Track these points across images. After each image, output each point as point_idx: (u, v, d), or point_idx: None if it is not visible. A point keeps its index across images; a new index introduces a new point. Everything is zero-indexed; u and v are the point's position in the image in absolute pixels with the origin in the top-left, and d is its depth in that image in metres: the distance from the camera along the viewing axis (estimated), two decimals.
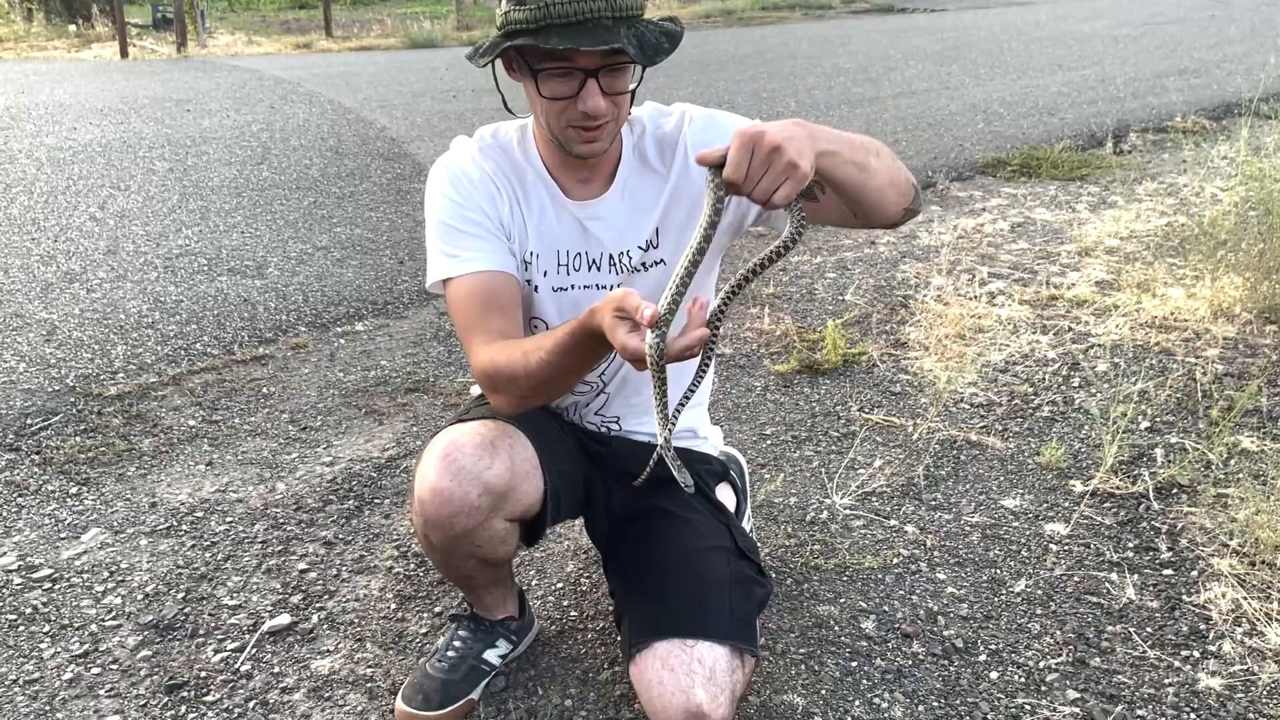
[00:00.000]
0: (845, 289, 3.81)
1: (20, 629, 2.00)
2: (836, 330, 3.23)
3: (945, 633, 1.93)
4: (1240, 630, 1.91)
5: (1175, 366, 3.02)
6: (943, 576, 2.11)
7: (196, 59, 12.44)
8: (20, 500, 2.47)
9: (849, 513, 2.35)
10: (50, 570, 2.19)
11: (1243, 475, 2.39)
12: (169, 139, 6.87)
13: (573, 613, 2.03)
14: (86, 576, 2.17)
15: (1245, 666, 1.82)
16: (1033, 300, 3.59)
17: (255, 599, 2.09)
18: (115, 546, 2.28)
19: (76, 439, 2.77)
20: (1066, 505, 2.36)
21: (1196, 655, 1.86)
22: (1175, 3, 14.77)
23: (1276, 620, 1.91)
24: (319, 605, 2.06)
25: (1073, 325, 3.36)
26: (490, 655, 1.80)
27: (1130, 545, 2.20)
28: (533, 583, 2.13)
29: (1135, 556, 2.16)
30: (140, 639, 1.97)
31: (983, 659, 1.86)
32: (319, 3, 16.63)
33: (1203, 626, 1.93)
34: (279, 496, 2.48)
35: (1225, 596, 1.99)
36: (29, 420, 2.88)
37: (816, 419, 2.83)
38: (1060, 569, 2.12)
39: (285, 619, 2.01)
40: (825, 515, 2.35)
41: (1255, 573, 2.06)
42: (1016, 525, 2.29)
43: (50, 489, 2.52)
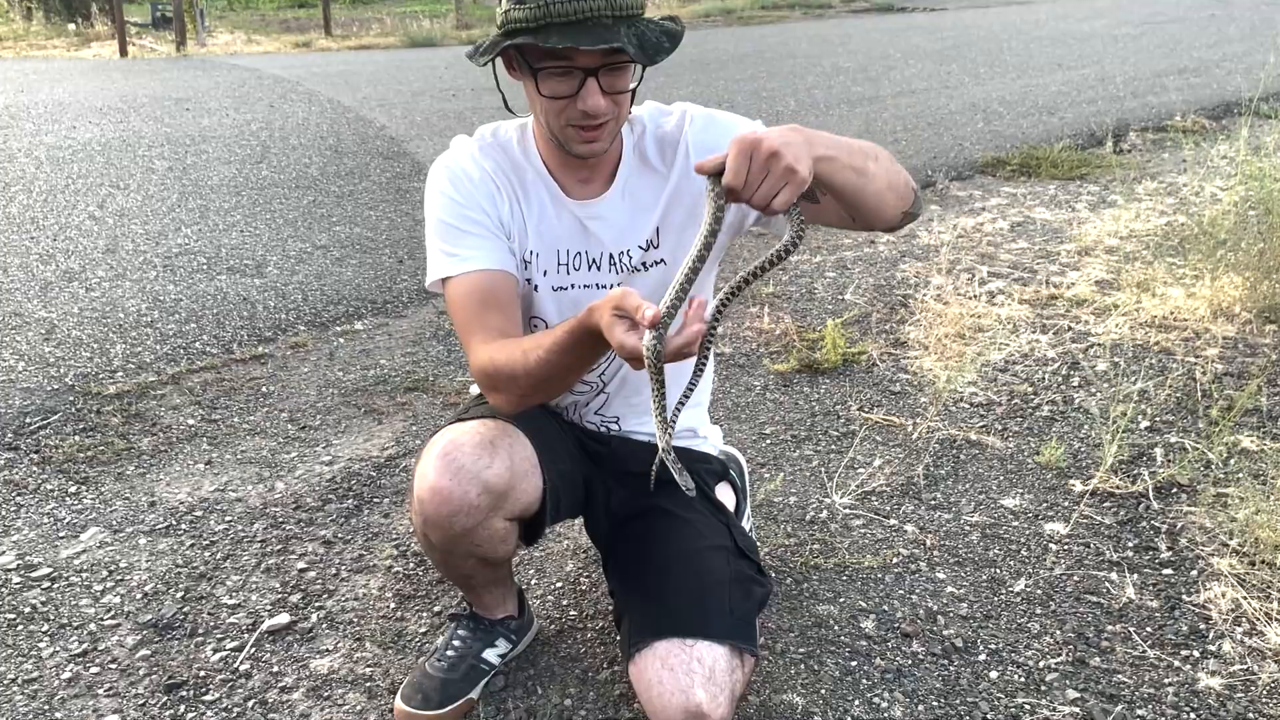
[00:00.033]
0: (845, 288, 3.81)
1: (19, 628, 2.00)
2: (836, 329, 3.23)
3: (945, 632, 1.93)
4: (1240, 630, 1.91)
5: (1175, 366, 3.02)
6: (942, 576, 2.11)
7: (196, 58, 12.44)
8: (19, 499, 2.47)
9: (848, 512, 2.35)
10: (49, 569, 2.19)
11: (1242, 475, 2.39)
12: (168, 138, 6.86)
13: (572, 612, 2.03)
14: (85, 575, 2.16)
15: (1245, 666, 1.82)
16: (1032, 299, 3.59)
17: (254, 598, 2.08)
18: (114, 545, 2.27)
19: (75, 438, 2.77)
20: (1066, 505, 2.35)
21: (1196, 655, 1.86)
22: (1175, 2, 14.76)
23: (1276, 620, 1.91)
24: (318, 604, 2.06)
25: (1072, 325, 3.36)
26: (489, 654, 1.80)
27: (1130, 545, 2.20)
28: (532, 582, 2.13)
29: (1135, 556, 2.16)
30: (139, 638, 1.96)
31: (982, 658, 1.86)
32: (318, 1, 16.61)
33: (1202, 626, 1.93)
34: (278, 495, 2.48)
35: (1225, 596, 1.99)
36: (28, 419, 2.87)
37: (816, 418, 2.83)
38: (1060, 568, 2.12)
39: (284, 618, 2.01)
40: (825, 515, 2.35)
41: (1255, 572, 2.06)
42: (1016, 525, 2.29)
43: (49, 488, 2.52)
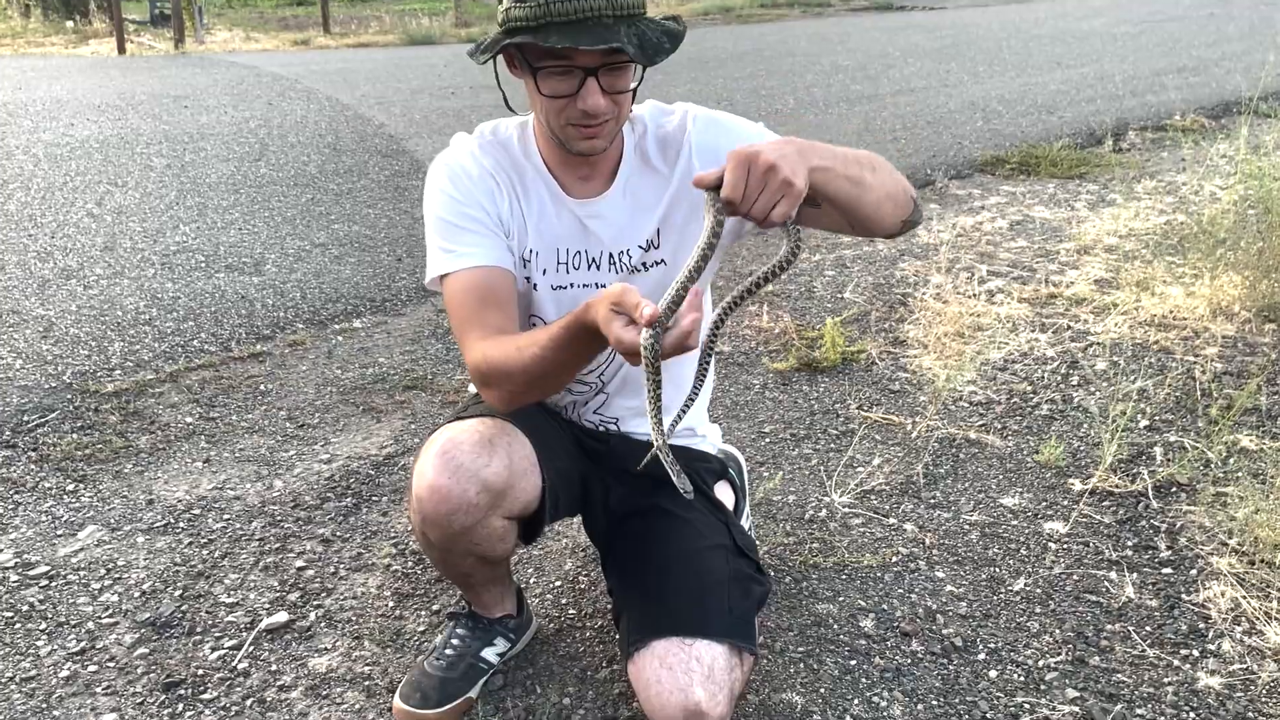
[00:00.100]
0: (844, 287, 3.81)
1: (17, 626, 1.99)
2: (835, 328, 3.23)
3: (944, 631, 1.93)
4: (1239, 629, 1.91)
5: (1174, 365, 3.02)
6: (942, 575, 2.11)
7: (194, 55, 12.42)
8: (17, 497, 2.46)
9: (848, 511, 2.35)
10: (47, 567, 2.18)
11: (1242, 474, 2.39)
12: (166, 135, 6.85)
13: (571, 611, 2.02)
14: (83, 574, 2.16)
15: (1244, 665, 1.82)
16: (1032, 298, 3.58)
17: (253, 597, 2.08)
18: (112, 544, 2.27)
19: (73, 436, 2.76)
20: (1065, 504, 2.35)
21: (1196, 654, 1.85)
22: (1174, 1, 14.76)
23: (1276, 619, 1.91)
24: (317, 603, 2.06)
25: (1072, 323, 3.36)
26: (488, 653, 1.80)
27: (1129, 544, 2.20)
28: (531, 581, 2.12)
29: (1134, 555, 2.16)
30: (137, 636, 1.96)
31: (982, 657, 1.86)
32: None
33: (1202, 625, 1.93)
34: (276, 494, 2.48)
35: (1224, 595, 1.99)
36: (26, 417, 2.87)
37: (815, 417, 2.82)
38: (1059, 567, 2.12)
39: (283, 617, 2.01)
40: (824, 513, 2.35)
41: (1254, 571, 2.05)
42: (1015, 524, 2.29)
43: (47, 486, 2.52)
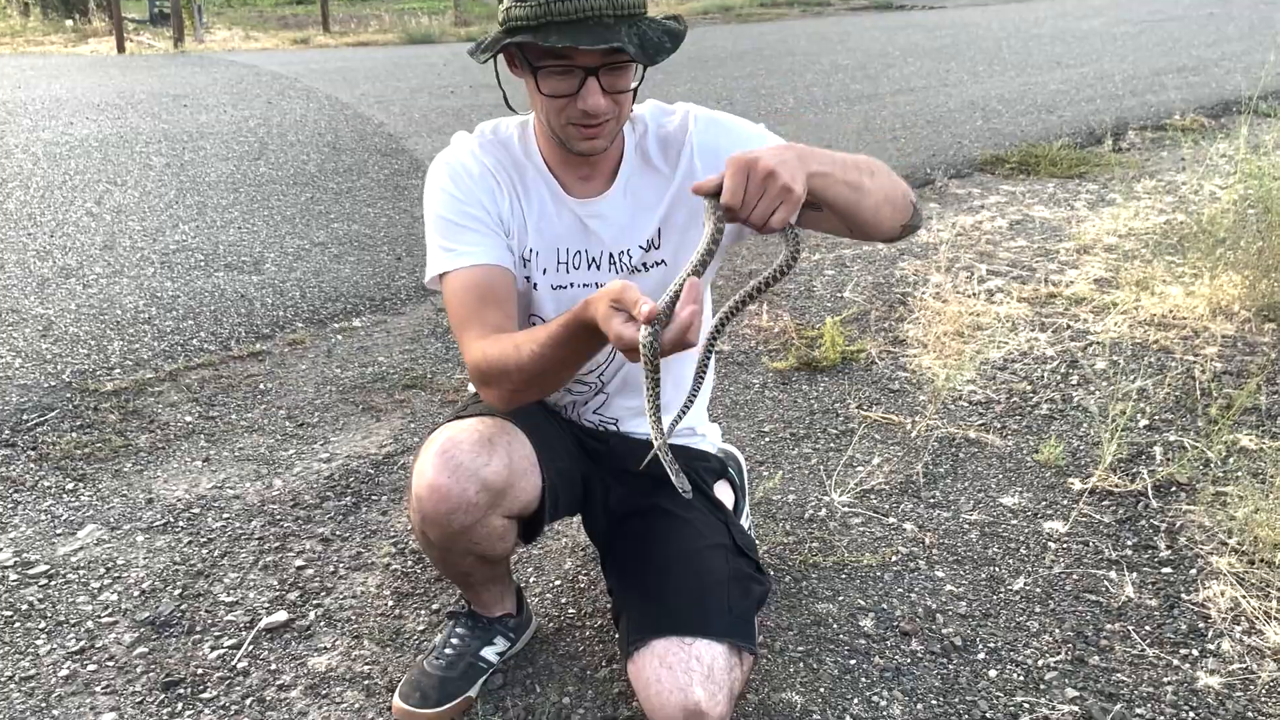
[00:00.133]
0: (844, 286, 3.81)
1: (16, 625, 1.99)
2: (835, 327, 3.23)
3: (944, 630, 1.93)
4: (1239, 629, 1.91)
5: (1174, 364, 3.02)
6: (941, 574, 2.11)
7: (193, 54, 12.41)
8: (16, 496, 2.46)
9: (847, 510, 2.35)
10: (46, 566, 2.18)
11: (1241, 473, 2.39)
12: (166, 134, 6.85)
13: (570, 610, 2.02)
14: (83, 573, 2.16)
15: (1244, 665, 1.82)
16: (1031, 298, 3.58)
17: (252, 596, 2.08)
18: (111, 543, 2.27)
19: (73, 435, 2.76)
20: (1065, 503, 2.35)
21: (1195, 654, 1.85)
22: (1174, 0, 14.76)
23: (1275, 619, 1.91)
24: (316, 602, 2.06)
25: (1071, 323, 3.36)
26: (488, 652, 1.80)
27: (1129, 543, 2.19)
28: (530, 580, 2.12)
29: (1134, 554, 2.16)
30: (136, 636, 1.96)
31: (981, 657, 1.86)
32: None
33: (1201, 625, 1.93)
34: (276, 493, 2.48)
35: (1224, 595, 1.99)
36: (25, 416, 2.87)
37: (815, 416, 2.82)
38: (1059, 567, 2.12)
39: (282, 616, 2.01)
40: (824, 513, 2.35)
41: (1254, 571, 2.05)
42: (1015, 523, 2.29)
43: (46, 485, 2.51)
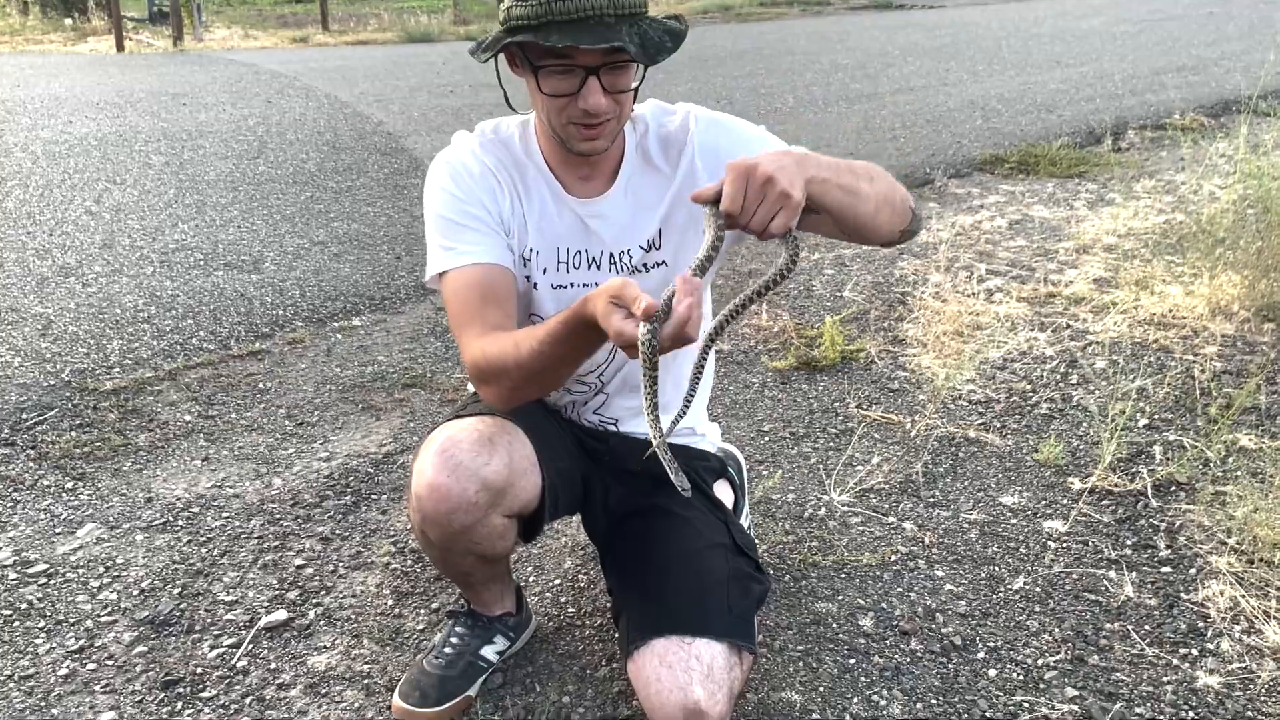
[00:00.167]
0: (843, 285, 3.81)
1: (15, 624, 1.99)
2: (834, 327, 3.23)
3: (943, 630, 1.93)
4: (1238, 628, 1.91)
5: (1173, 364, 3.02)
6: (941, 574, 2.11)
7: (193, 53, 12.40)
8: (15, 495, 2.46)
9: (847, 509, 2.35)
10: (46, 565, 2.18)
11: (1241, 473, 2.39)
12: (165, 133, 6.84)
13: (570, 609, 2.02)
14: (82, 572, 2.16)
15: (1243, 664, 1.82)
16: (1031, 297, 3.58)
17: (251, 595, 2.08)
18: (111, 542, 2.27)
19: (72, 434, 2.76)
20: (1065, 502, 2.35)
21: (1195, 653, 1.86)
22: (1173, 0, 14.77)
23: (1275, 618, 1.91)
24: (316, 601, 2.06)
25: (1071, 322, 3.36)
26: (487, 652, 1.80)
27: (1129, 543, 2.20)
28: (530, 579, 2.12)
29: (1134, 554, 2.16)
30: (136, 634, 1.96)
31: (981, 656, 1.86)
32: None
33: (1201, 624, 1.93)
34: (275, 492, 2.47)
35: (1223, 594, 1.99)
36: (24, 415, 2.87)
37: (814, 415, 2.82)
38: (1059, 566, 2.12)
39: (282, 615, 2.01)
40: (823, 512, 2.35)
41: (1253, 570, 2.06)
42: (1015, 522, 2.29)
43: (46, 484, 2.51)
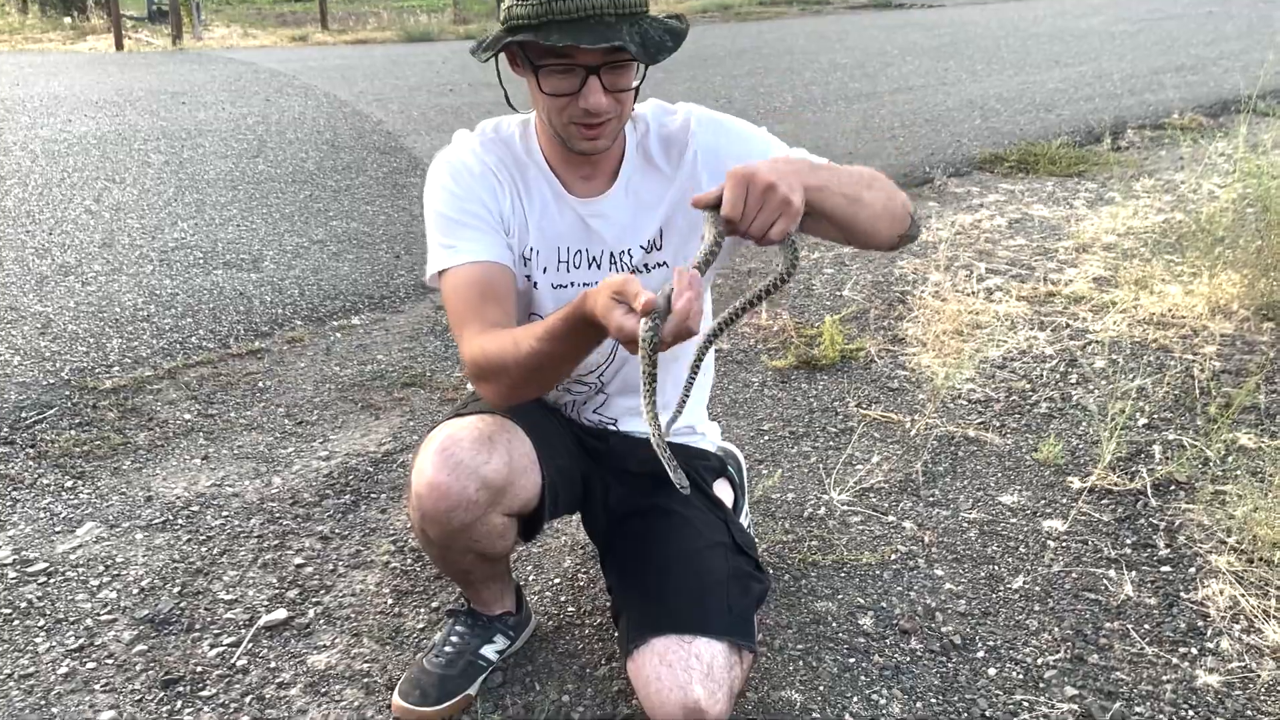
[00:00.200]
0: (843, 284, 3.81)
1: (15, 623, 1.99)
2: (834, 326, 3.23)
3: (943, 629, 1.93)
4: (1238, 627, 1.91)
5: (1173, 363, 3.02)
6: (941, 573, 2.11)
7: (192, 51, 12.39)
8: (15, 494, 2.46)
9: (847, 509, 2.35)
10: (45, 564, 2.18)
11: (1240, 472, 2.39)
12: (164, 131, 6.84)
13: (570, 608, 2.02)
14: (82, 570, 2.16)
15: (1243, 663, 1.82)
16: (1030, 296, 3.59)
17: (251, 593, 2.08)
18: (110, 540, 2.27)
19: (71, 432, 2.76)
20: (1064, 502, 2.35)
21: (1194, 652, 1.86)
22: None
23: (1274, 617, 1.92)
24: (315, 600, 2.06)
25: (1070, 322, 3.36)
26: (487, 651, 1.80)
27: (1128, 542, 2.20)
28: (530, 578, 2.12)
29: (1133, 553, 2.16)
30: (136, 633, 1.96)
31: (980, 655, 1.86)
32: None
33: (1201, 623, 1.93)
34: (275, 491, 2.47)
35: (1223, 593, 1.99)
36: (24, 413, 2.86)
37: (814, 415, 2.82)
38: (1058, 565, 2.12)
39: (281, 614, 2.01)
40: (823, 511, 2.35)
41: (1253, 570, 2.06)
42: (1014, 522, 2.29)
43: (45, 482, 2.51)
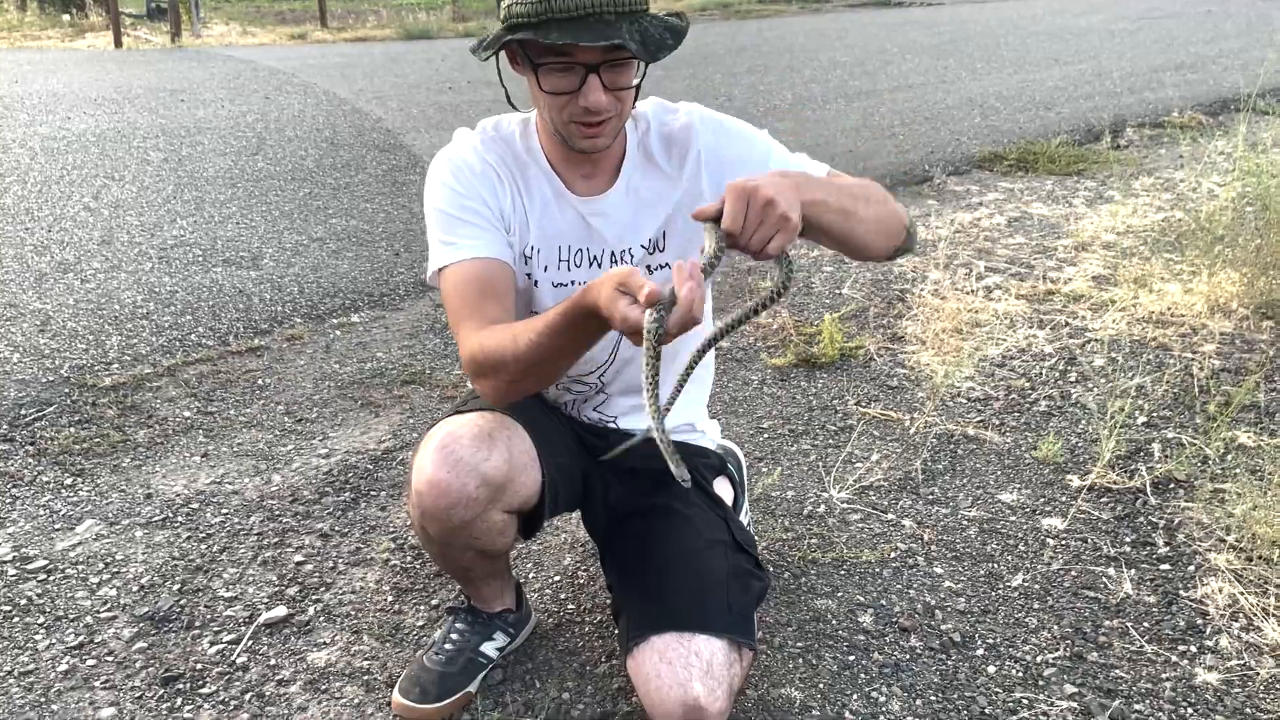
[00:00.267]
0: (842, 283, 3.81)
1: (15, 620, 1.99)
2: (834, 324, 3.23)
3: (943, 627, 1.94)
4: (1237, 625, 1.91)
5: (1172, 362, 3.02)
6: (940, 571, 2.11)
7: (191, 49, 12.37)
8: (15, 491, 2.46)
9: (846, 506, 2.35)
10: (45, 561, 2.18)
11: (1239, 470, 2.39)
12: (163, 129, 6.83)
13: (570, 606, 2.02)
14: (81, 568, 2.16)
15: (1242, 661, 1.82)
16: (1029, 295, 3.59)
17: (251, 591, 2.08)
18: (110, 538, 2.27)
19: (71, 430, 2.76)
20: (1064, 500, 2.36)
21: (1194, 650, 1.86)
22: None
23: (1273, 615, 1.92)
24: (315, 597, 2.06)
25: (1069, 320, 3.36)
26: (487, 648, 1.80)
27: (1127, 540, 2.20)
28: (530, 576, 2.12)
29: (1132, 551, 2.16)
30: (135, 631, 1.96)
31: (980, 653, 1.87)
32: None
33: (1200, 621, 1.93)
34: (275, 488, 2.47)
35: (1222, 591, 1.99)
36: (23, 411, 2.86)
37: (814, 413, 2.82)
38: (1057, 563, 2.12)
39: (281, 611, 2.01)
40: (823, 509, 2.35)
41: (1252, 568, 2.06)
42: (1014, 520, 2.29)
43: (45, 480, 2.51)
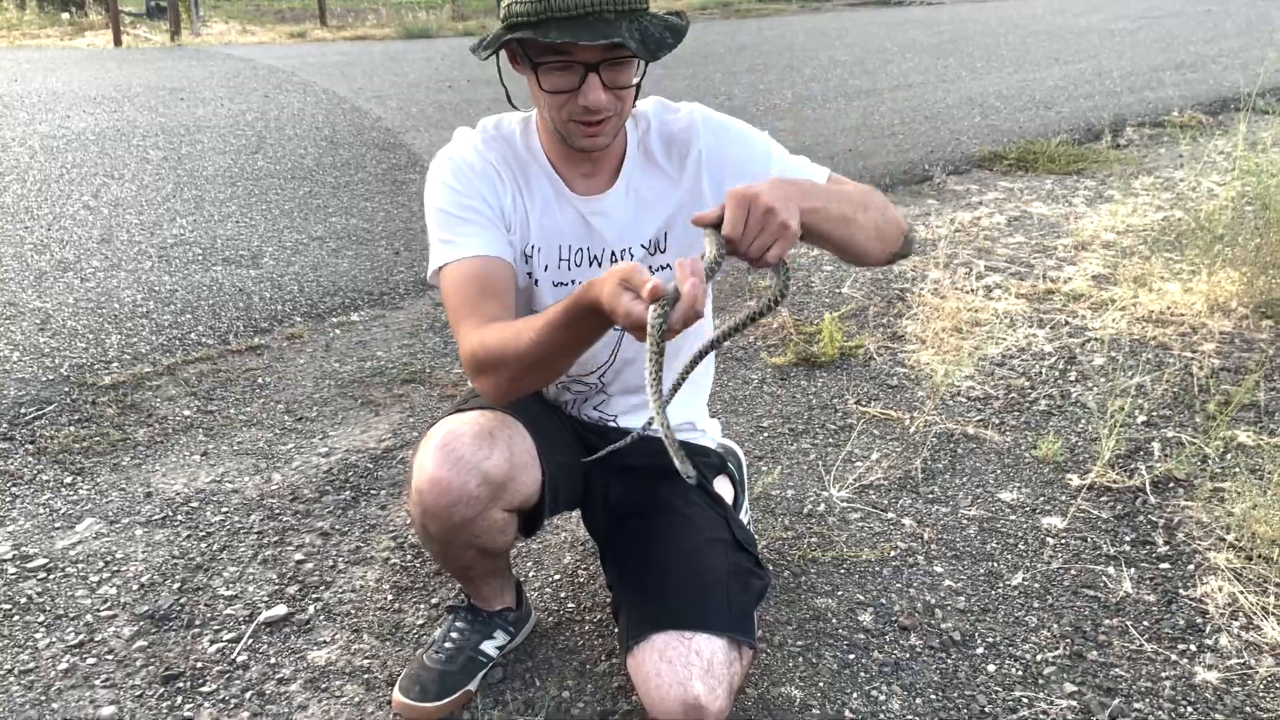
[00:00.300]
0: (842, 282, 3.81)
1: (15, 619, 1.99)
2: (833, 323, 3.23)
3: (943, 625, 1.94)
4: (1237, 624, 1.92)
5: (1172, 361, 3.02)
6: (940, 569, 2.11)
7: (190, 47, 12.37)
8: (15, 490, 2.46)
9: (846, 505, 2.35)
10: (45, 560, 2.18)
11: (1239, 470, 2.39)
12: (163, 128, 6.83)
13: (570, 604, 2.03)
14: (81, 566, 2.16)
15: (1242, 660, 1.82)
16: (1029, 294, 3.59)
17: (251, 590, 2.08)
18: (110, 536, 2.27)
19: (71, 428, 2.76)
20: (1063, 499, 2.36)
21: (1193, 649, 1.86)
22: None
23: (1273, 614, 1.92)
24: (315, 596, 2.06)
25: (1069, 319, 3.36)
26: (487, 646, 1.80)
27: (1127, 539, 2.20)
28: (530, 574, 2.12)
29: (1132, 550, 2.16)
30: (136, 629, 1.96)
31: (980, 652, 1.87)
32: None
33: (1199, 620, 1.94)
34: (275, 487, 2.47)
35: (1222, 590, 1.99)
36: (23, 410, 2.86)
37: (814, 412, 2.82)
38: (1057, 562, 2.12)
39: (281, 610, 2.01)
40: (822, 508, 2.35)
41: (1252, 567, 2.06)
42: (1014, 519, 2.29)
43: (45, 479, 2.51)
